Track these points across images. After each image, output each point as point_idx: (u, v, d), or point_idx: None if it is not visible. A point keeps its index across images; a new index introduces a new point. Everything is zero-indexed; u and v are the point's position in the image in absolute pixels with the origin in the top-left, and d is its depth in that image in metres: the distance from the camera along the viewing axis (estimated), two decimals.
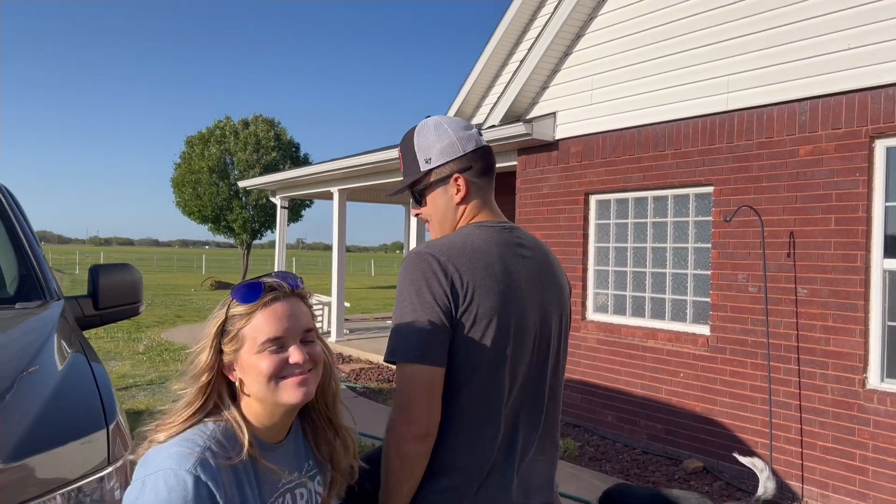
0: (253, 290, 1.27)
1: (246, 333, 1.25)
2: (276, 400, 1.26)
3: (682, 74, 5.72)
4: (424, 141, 1.66)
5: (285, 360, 1.25)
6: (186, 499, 1.11)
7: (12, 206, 2.86)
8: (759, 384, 5.14)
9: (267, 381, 1.24)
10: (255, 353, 1.24)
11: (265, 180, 13.00)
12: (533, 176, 7.19)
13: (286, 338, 1.26)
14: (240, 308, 1.26)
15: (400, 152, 1.72)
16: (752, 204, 5.18)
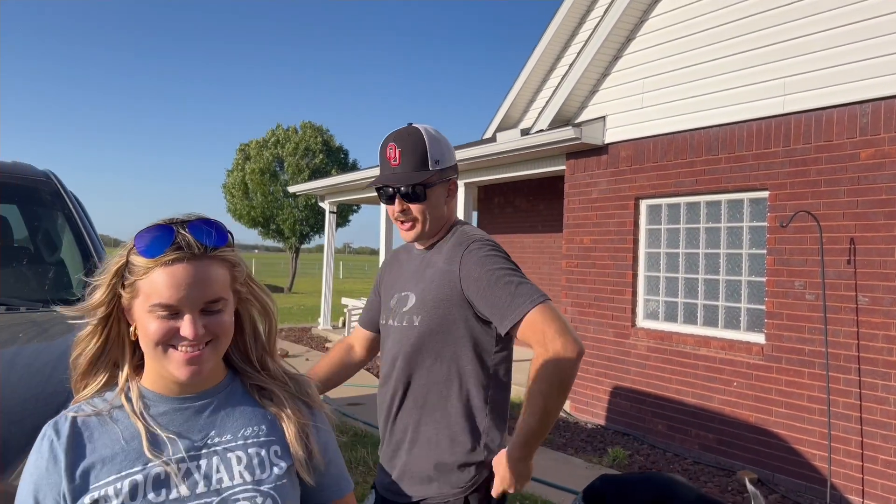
0: (156, 244, 1.11)
1: (140, 287, 1.11)
2: (161, 367, 1.14)
3: (737, 77, 5.61)
4: (435, 144, 1.82)
5: (176, 329, 1.11)
6: (38, 458, 1.11)
7: (80, 211, 2.97)
8: (817, 395, 4.98)
9: (154, 346, 1.12)
10: (146, 311, 1.11)
11: (314, 185, 13.19)
12: (582, 180, 7.13)
13: (180, 307, 1.10)
14: (139, 260, 1.11)
15: (399, 148, 1.80)
16: (809, 209, 5.04)
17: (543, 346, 1.66)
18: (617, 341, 6.67)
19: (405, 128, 1.84)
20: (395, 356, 1.86)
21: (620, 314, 6.65)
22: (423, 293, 1.83)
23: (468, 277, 1.76)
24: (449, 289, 1.78)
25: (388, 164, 1.81)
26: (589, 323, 6.98)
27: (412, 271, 1.91)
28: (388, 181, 1.80)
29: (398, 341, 1.86)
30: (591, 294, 6.98)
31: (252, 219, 31.23)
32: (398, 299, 1.90)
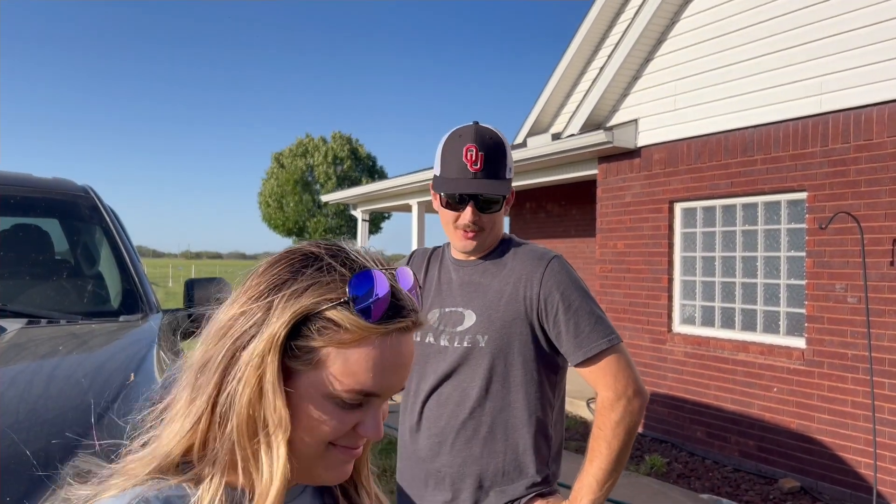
0: (385, 304, 0.74)
1: (330, 359, 0.72)
2: (306, 467, 0.76)
3: (772, 76, 5.51)
4: (510, 153, 1.73)
5: (353, 424, 0.76)
6: None
7: (117, 225, 3.03)
8: (861, 400, 4.85)
9: (317, 444, 0.75)
10: (323, 395, 0.73)
11: (346, 194, 13.28)
12: (614, 184, 7.06)
13: (380, 393, 0.75)
14: (350, 320, 0.72)
15: (481, 152, 1.62)
16: (849, 210, 4.91)
17: (615, 390, 1.62)
18: (653, 347, 6.58)
19: (483, 129, 1.66)
20: (446, 378, 1.70)
21: (656, 319, 6.56)
22: (487, 311, 1.68)
23: (548, 299, 1.65)
24: (522, 307, 1.66)
25: (465, 168, 1.62)
26: (624, 328, 6.90)
27: (459, 285, 1.74)
28: (472, 189, 1.62)
29: (453, 363, 1.69)
30: (626, 299, 6.90)
31: (286, 228, 31.64)
32: (443, 316, 1.72)
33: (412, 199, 11.27)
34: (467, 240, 1.69)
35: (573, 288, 1.66)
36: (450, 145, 1.66)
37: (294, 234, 32.18)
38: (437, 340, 1.73)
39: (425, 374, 1.75)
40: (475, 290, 1.72)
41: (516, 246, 1.76)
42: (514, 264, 1.71)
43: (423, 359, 1.76)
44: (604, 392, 1.64)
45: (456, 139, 1.64)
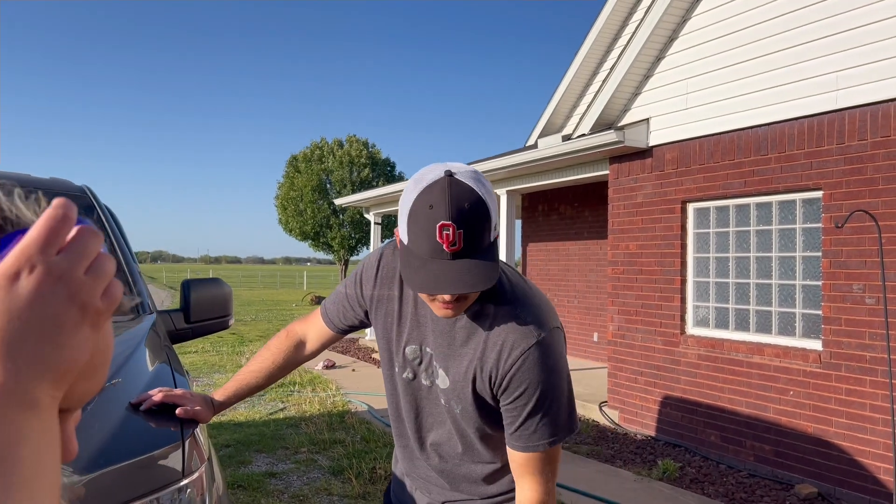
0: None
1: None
2: None
3: (785, 73, 5.39)
4: (492, 202, 1.33)
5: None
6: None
7: (113, 226, 3.00)
8: (881, 404, 4.71)
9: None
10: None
11: (359, 198, 13.27)
12: (626, 185, 6.96)
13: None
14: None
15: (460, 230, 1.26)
16: (867, 208, 4.78)
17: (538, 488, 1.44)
18: (666, 349, 6.46)
19: (458, 190, 1.26)
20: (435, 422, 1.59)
21: (669, 321, 6.45)
22: (458, 384, 1.49)
23: (515, 388, 1.41)
24: (483, 385, 1.46)
25: (439, 249, 1.26)
26: (637, 331, 6.79)
27: (436, 333, 1.50)
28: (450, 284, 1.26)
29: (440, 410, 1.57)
30: (639, 301, 6.79)
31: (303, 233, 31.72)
32: (416, 354, 1.54)
33: None
34: (447, 310, 1.38)
35: (547, 375, 1.40)
36: (419, 218, 1.28)
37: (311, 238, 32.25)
38: (417, 378, 1.57)
39: (404, 406, 1.61)
40: (450, 350, 1.48)
41: (511, 296, 1.44)
42: (496, 328, 1.42)
43: (400, 389, 1.60)
44: (529, 492, 1.45)
45: (426, 210, 1.26)
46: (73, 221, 0.46)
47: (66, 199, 0.46)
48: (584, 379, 8.63)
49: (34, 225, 0.45)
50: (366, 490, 4.87)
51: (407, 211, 1.31)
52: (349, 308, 1.67)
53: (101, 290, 0.47)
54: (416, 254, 1.30)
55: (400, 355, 1.57)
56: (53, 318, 0.43)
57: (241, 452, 5.85)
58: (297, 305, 26.38)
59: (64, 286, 0.44)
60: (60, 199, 0.47)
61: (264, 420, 6.99)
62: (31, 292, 0.43)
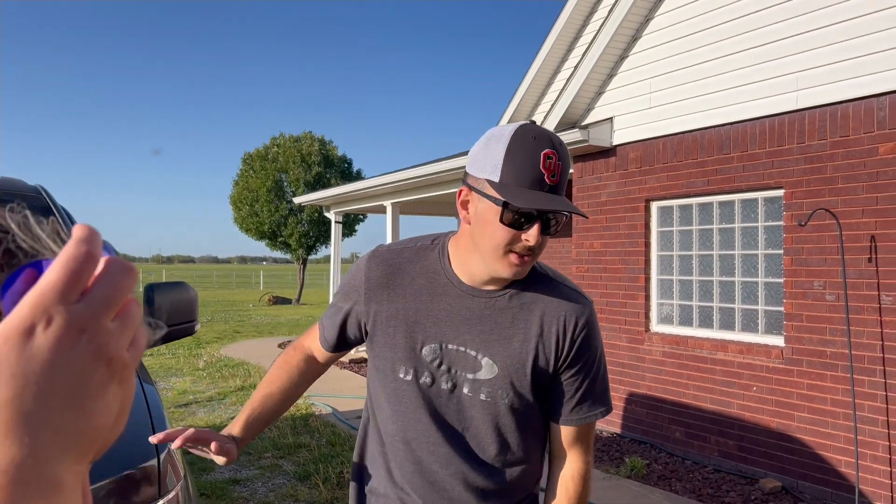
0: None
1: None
2: None
3: (747, 73, 5.47)
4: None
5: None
6: None
7: (67, 224, 2.85)
8: (841, 398, 4.82)
9: None
10: None
11: (319, 196, 13.09)
12: (590, 183, 6.99)
13: None
14: None
15: (560, 162, 1.32)
16: (827, 207, 4.88)
17: (586, 458, 1.50)
18: (631, 347, 6.51)
19: (555, 135, 1.35)
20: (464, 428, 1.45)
21: (634, 319, 6.50)
22: (513, 365, 1.41)
23: (579, 354, 1.44)
24: (545, 362, 1.43)
25: (541, 179, 1.28)
26: (602, 329, 6.79)
27: (469, 320, 1.42)
28: (557, 205, 1.29)
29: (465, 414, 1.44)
30: (603, 299, 6.83)
31: (260, 232, 31.24)
32: (436, 353, 1.42)
33: (386, 201, 11.13)
34: (518, 266, 1.34)
35: (600, 345, 1.49)
36: (521, 146, 1.29)
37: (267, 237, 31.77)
38: (439, 383, 1.43)
39: (415, 419, 1.45)
40: (494, 335, 1.41)
41: (540, 277, 1.47)
42: (546, 302, 1.43)
43: (410, 398, 1.44)
44: (580, 458, 1.49)
45: (528, 140, 1.29)
46: (99, 257, 0.37)
47: (89, 227, 0.38)
48: None
49: (52, 266, 0.36)
50: (334, 496, 4.78)
51: (502, 148, 1.31)
52: (345, 320, 1.54)
53: (129, 340, 0.39)
54: (512, 186, 1.30)
55: (413, 360, 1.43)
56: (77, 380, 0.36)
57: (203, 459, 5.69)
58: (254, 306, 25.97)
59: (89, 340, 0.36)
60: (83, 229, 0.37)
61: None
62: (49, 350, 0.35)
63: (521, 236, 1.30)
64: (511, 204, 1.27)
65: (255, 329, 16.62)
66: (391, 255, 1.48)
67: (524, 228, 1.30)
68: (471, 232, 1.37)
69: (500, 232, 1.30)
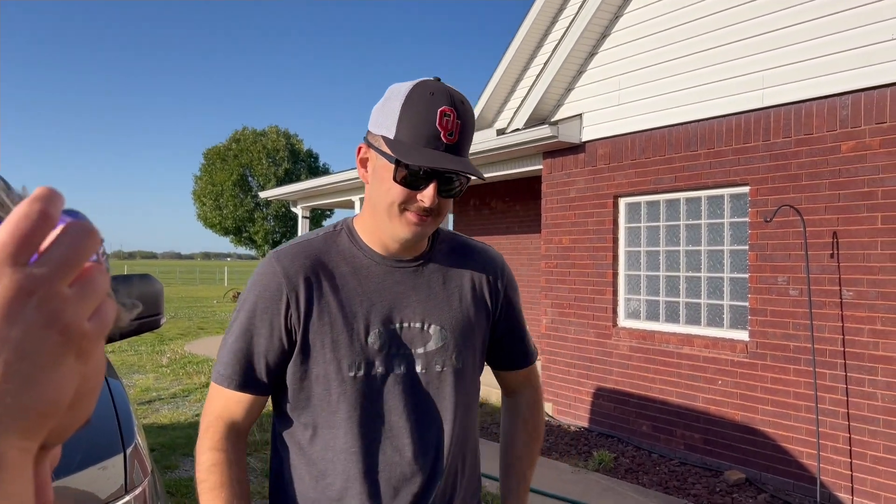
0: None
1: None
2: None
3: (714, 71, 5.54)
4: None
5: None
6: None
7: None
8: (804, 391, 4.91)
9: None
10: None
11: (286, 191, 12.95)
12: (559, 179, 7.02)
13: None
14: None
15: (460, 120, 1.26)
16: (791, 203, 4.97)
17: (538, 389, 1.62)
18: (599, 342, 6.56)
19: (455, 91, 1.28)
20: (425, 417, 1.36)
21: (602, 314, 6.54)
22: (457, 322, 1.38)
23: (510, 300, 1.49)
24: (485, 312, 1.44)
25: (436, 137, 1.23)
26: (570, 324, 6.87)
27: (402, 291, 1.35)
28: (453, 165, 1.23)
29: (420, 394, 1.35)
30: (572, 294, 6.87)
31: (224, 227, 30.82)
32: (390, 336, 1.33)
33: (354, 196, 11.06)
34: (417, 226, 1.28)
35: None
36: (417, 103, 1.24)
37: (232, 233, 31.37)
38: (387, 369, 1.32)
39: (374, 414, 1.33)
40: (432, 299, 1.37)
41: (450, 238, 1.47)
42: (464, 261, 1.43)
43: (365, 394, 1.31)
44: (537, 391, 1.61)
45: (426, 96, 1.24)
46: (56, 218, 0.34)
47: (49, 187, 0.35)
48: None
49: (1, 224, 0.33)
50: None
51: (398, 104, 1.26)
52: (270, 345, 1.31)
53: (91, 309, 0.35)
54: (406, 143, 1.24)
55: (361, 353, 1.31)
56: (24, 348, 0.32)
57: (167, 457, 5.59)
58: (217, 302, 25.61)
59: (39, 305, 0.33)
60: (41, 189, 0.34)
61: (189, 422, 6.71)
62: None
63: (417, 196, 1.25)
64: (402, 161, 1.22)
65: (219, 325, 16.38)
66: (302, 249, 1.34)
67: (420, 188, 1.25)
68: (369, 192, 1.32)
69: (394, 190, 1.25)
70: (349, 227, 1.39)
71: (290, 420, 1.35)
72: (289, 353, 1.31)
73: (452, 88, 1.28)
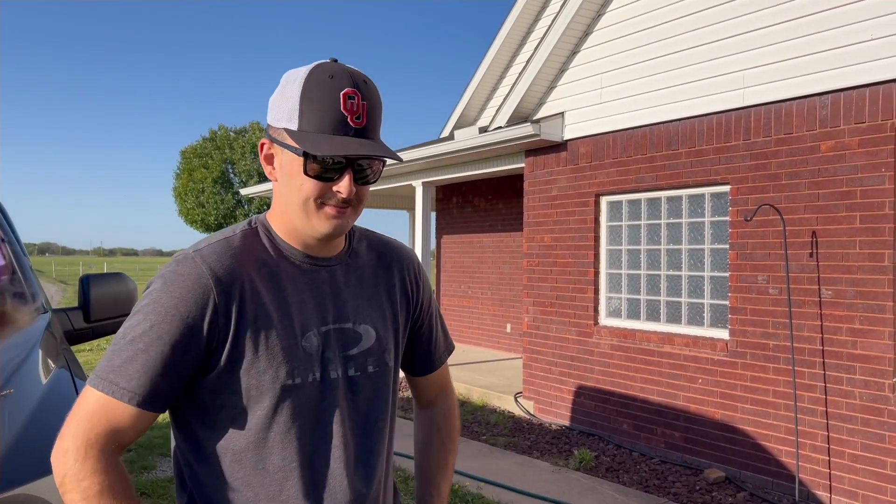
0: None
1: None
2: None
3: (696, 70, 5.55)
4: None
5: None
6: None
7: (0, 218, 2.69)
8: (783, 390, 4.94)
9: None
10: None
11: (267, 187, 12.84)
12: (541, 178, 7.01)
13: None
14: None
15: (365, 101, 1.19)
16: (771, 202, 4.99)
17: (454, 393, 1.59)
18: (580, 340, 6.56)
19: (356, 71, 1.21)
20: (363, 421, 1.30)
21: (583, 312, 6.55)
22: (385, 322, 1.35)
23: (426, 299, 1.47)
24: (406, 312, 1.41)
25: (343, 121, 1.16)
26: (551, 322, 6.86)
27: (329, 291, 1.28)
28: (366, 150, 1.15)
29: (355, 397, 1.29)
30: (553, 293, 6.86)
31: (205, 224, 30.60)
32: (323, 339, 1.25)
33: None
34: (337, 219, 1.20)
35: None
36: (316, 88, 1.16)
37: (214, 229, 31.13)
38: (323, 373, 1.24)
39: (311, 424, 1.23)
40: (358, 298, 1.31)
41: (366, 235, 1.42)
42: (383, 257, 1.39)
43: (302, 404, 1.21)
44: (451, 399, 1.57)
45: (325, 80, 1.16)
46: None
47: None
48: (499, 370, 8.67)
49: None
50: None
51: (297, 92, 1.17)
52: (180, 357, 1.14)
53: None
54: (312, 133, 1.16)
55: (298, 359, 1.21)
56: None
57: (144, 457, 5.51)
58: None
59: None
60: None
61: (167, 422, 6.62)
62: None
63: (333, 188, 1.18)
64: (311, 153, 1.14)
65: None
66: (225, 248, 1.21)
67: (335, 179, 1.17)
68: (279, 189, 1.23)
69: (307, 184, 1.17)
70: (265, 224, 1.27)
71: (203, 441, 1.20)
72: (206, 365, 1.16)
73: (352, 68, 1.20)
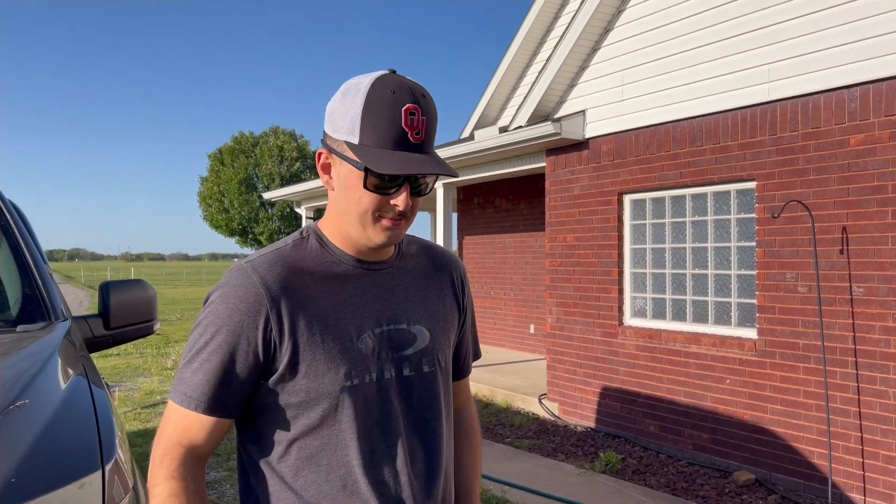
0: None
1: None
2: None
3: (719, 65, 5.44)
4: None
5: None
6: None
7: (18, 222, 2.71)
8: (814, 390, 4.82)
9: None
10: None
11: (289, 191, 12.91)
12: (563, 177, 6.94)
13: None
14: None
15: (425, 117, 1.20)
16: (798, 198, 4.88)
17: (475, 406, 1.62)
18: (604, 341, 6.48)
19: (416, 84, 1.21)
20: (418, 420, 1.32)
21: (607, 313, 6.46)
22: (438, 323, 1.36)
23: (470, 305, 1.51)
24: (457, 314, 1.44)
25: (404, 137, 1.17)
26: (575, 322, 6.79)
27: (383, 293, 1.31)
28: (427, 167, 1.16)
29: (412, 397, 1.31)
30: (577, 293, 6.79)
31: (230, 229, 30.89)
32: (378, 340, 1.27)
33: None
34: (392, 230, 1.23)
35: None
36: (378, 102, 1.17)
37: (238, 234, 31.43)
38: (380, 374, 1.27)
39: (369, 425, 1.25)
40: (411, 299, 1.34)
41: (414, 240, 1.45)
42: (432, 261, 1.42)
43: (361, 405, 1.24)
44: (473, 405, 1.61)
45: (387, 95, 1.17)
46: None
47: None
48: (523, 371, 8.60)
49: None
50: None
51: (359, 106, 1.18)
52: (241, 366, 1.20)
53: None
54: (373, 148, 1.18)
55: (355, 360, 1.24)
56: None
57: None
58: None
59: None
60: None
61: None
62: None
63: (390, 201, 1.20)
64: (373, 169, 1.15)
65: None
66: (276, 258, 1.25)
67: (392, 193, 1.20)
68: (336, 198, 1.26)
69: (366, 198, 1.20)
70: (317, 232, 1.31)
71: (265, 443, 1.25)
72: (267, 370, 1.21)
73: (412, 82, 1.21)
